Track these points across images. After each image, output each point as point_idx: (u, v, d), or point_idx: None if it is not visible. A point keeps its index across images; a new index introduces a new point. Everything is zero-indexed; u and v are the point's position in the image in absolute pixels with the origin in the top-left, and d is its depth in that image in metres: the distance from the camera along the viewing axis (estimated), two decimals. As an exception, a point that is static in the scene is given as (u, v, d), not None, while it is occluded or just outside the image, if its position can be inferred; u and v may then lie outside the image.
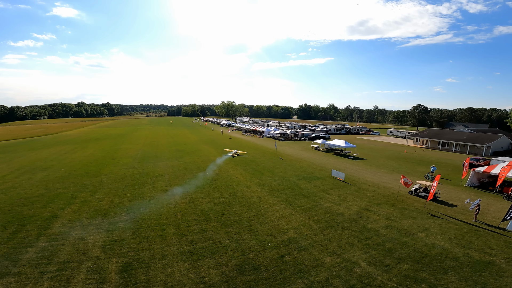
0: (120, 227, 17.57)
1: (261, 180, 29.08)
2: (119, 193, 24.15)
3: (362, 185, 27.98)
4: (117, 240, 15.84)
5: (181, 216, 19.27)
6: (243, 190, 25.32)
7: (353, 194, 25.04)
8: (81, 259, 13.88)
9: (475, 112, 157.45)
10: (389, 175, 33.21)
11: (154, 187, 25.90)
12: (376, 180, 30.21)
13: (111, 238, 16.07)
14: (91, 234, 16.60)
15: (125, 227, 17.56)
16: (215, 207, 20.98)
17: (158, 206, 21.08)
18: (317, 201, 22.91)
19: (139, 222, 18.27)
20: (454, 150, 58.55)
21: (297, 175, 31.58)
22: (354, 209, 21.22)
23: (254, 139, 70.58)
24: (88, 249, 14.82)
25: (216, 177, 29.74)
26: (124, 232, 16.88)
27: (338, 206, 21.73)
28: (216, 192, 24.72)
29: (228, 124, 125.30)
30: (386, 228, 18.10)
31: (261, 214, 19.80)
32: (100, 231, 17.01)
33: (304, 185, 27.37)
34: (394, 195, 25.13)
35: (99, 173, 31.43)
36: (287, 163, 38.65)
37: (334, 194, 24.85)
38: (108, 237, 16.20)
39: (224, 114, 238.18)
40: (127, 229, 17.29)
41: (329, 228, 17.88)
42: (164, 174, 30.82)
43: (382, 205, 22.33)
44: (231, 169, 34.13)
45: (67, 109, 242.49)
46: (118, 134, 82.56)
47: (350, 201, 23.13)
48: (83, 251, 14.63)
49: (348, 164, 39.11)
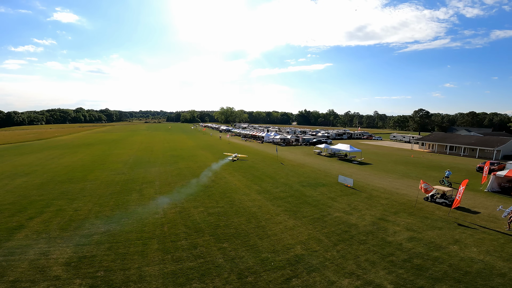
0: (93, 240, 14.84)
1: (261, 187, 26.38)
2: (100, 201, 21.40)
3: (373, 192, 25.29)
4: (86, 257, 13.12)
5: (168, 228, 16.52)
6: (241, 198, 22.60)
7: (364, 202, 22.34)
8: (36, 278, 11.21)
9: (477, 116, 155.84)
10: (401, 180, 30.55)
11: (141, 195, 23.16)
12: (388, 186, 27.53)
13: (80, 254, 13.36)
14: (56, 248, 13.91)
15: (100, 240, 14.82)
16: (209, 218, 18.23)
17: (143, 216, 18.33)
18: (325, 210, 20.19)
19: (117, 235, 15.51)
20: (463, 154, 56.15)
21: (301, 181, 28.90)
22: (369, 219, 18.50)
23: (253, 144, 68.02)
24: (47, 267, 12.15)
25: (211, 184, 27.02)
26: (97, 247, 14.15)
27: (349, 216, 19.01)
28: (211, 200, 21.99)
29: (227, 129, 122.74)
30: (410, 241, 15.39)
31: (261, 226, 17.05)
32: (69, 245, 14.31)
33: (309, 192, 24.68)
34: (411, 202, 22.46)
35: (84, 179, 28.69)
36: (289, 168, 36.01)
37: (343, 202, 22.15)
38: (76, 253, 13.49)
39: (223, 120, 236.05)
40: (102, 243, 14.55)
41: (342, 242, 15.15)
42: (155, 181, 28.10)
43: (399, 214, 19.63)
44: (229, 175, 31.44)
45: (65, 115, 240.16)
46: (113, 139, 79.89)
47: (363, 210, 20.42)
48: (41, 269, 11.96)
49: (355, 170, 36.47)
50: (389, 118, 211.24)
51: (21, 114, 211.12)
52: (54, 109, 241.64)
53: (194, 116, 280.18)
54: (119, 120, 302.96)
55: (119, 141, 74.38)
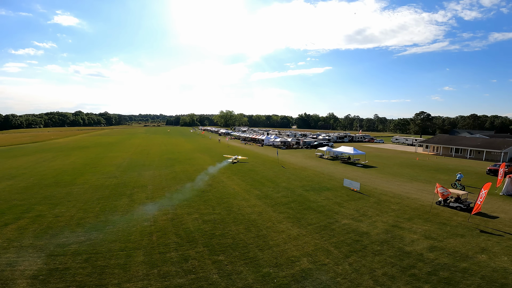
0: (69, 250, 13.05)
1: (261, 191, 24.57)
2: (86, 206, 19.57)
3: (382, 196, 23.51)
4: (58, 269, 11.36)
5: (157, 238, 14.70)
6: (240, 204, 20.77)
7: (374, 207, 20.54)
8: (-4, 300, 9.43)
9: (479, 118, 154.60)
10: (410, 184, 28.78)
11: (131, 200, 21.33)
12: (397, 190, 25.75)
13: (51, 266, 11.61)
14: (26, 258, 12.18)
15: (77, 251, 13.02)
16: (204, 226, 16.40)
17: (130, 223, 16.51)
18: (332, 216, 18.38)
19: (98, 244, 13.69)
20: (469, 156, 54.52)
21: (304, 185, 27.11)
22: (381, 227, 16.70)
23: (253, 147, 66.29)
24: (11, 280, 10.49)
25: (208, 189, 25.19)
26: (73, 258, 12.36)
27: (359, 223, 17.20)
28: (207, 206, 20.16)
29: (226, 133, 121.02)
30: (432, 251, 13.62)
31: (262, 236, 15.23)
32: (41, 255, 12.55)
33: (313, 197, 22.88)
34: (424, 207, 20.69)
35: (72, 182, 26.86)
36: (291, 172, 34.23)
37: (351, 207, 20.34)
38: (47, 264, 11.74)
39: (222, 124, 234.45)
40: (79, 254, 12.75)
41: (354, 253, 13.34)
42: (148, 185, 26.27)
43: (414, 220, 17.84)
44: (227, 178, 29.64)
45: (63, 118, 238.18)
46: (109, 142, 78.07)
47: (373, 216, 18.62)
48: (3, 282, 10.31)
49: (359, 173, 34.70)
50: (389, 121, 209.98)
51: (19, 117, 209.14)
52: (52, 112, 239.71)
53: (194, 120, 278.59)
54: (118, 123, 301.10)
55: (116, 144, 72.55)
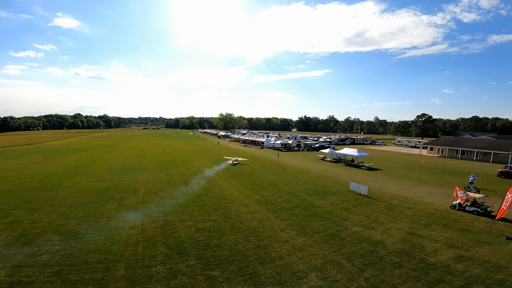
0: (39, 261, 11.34)
1: (262, 196, 22.77)
2: (68, 212, 17.78)
3: (392, 201, 21.73)
4: (21, 283, 9.73)
5: (143, 248, 12.90)
6: (239, 210, 18.95)
7: (385, 213, 18.76)
8: None
9: (480, 121, 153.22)
10: (419, 187, 27.02)
11: (120, 205, 19.53)
12: (407, 194, 23.98)
13: (15, 279, 10.00)
14: None
15: (48, 262, 11.29)
16: (197, 235, 14.60)
17: (114, 231, 14.72)
18: (341, 223, 16.60)
19: (74, 255, 11.93)
20: (476, 158, 52.83)
21: (307, 189, 25.33)
22: (397, 234, 14.92)
23: (253, 150, 64.55)
24: None
25: (204, 193, 23.39)
26: (42, 270, 10.66)
27: (372, 231, 15.42)
28: (202, 212, 18.35)
29: (225, 135, 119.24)
30: (459, 261, 11.89)
31: (263, 246, 13.44)
32: (6, 265, 10.96)
33: (317, 202, 21.10)
34: (440, 212, 18.94)
35: (59, 186, 25.08)
36: (292, 175, 32.46)
37: (360, 213, 18.56)
38: (10, 277, 10.15)
39: (222, 127, 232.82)
40: (49, 265, 11.02)
41: (370, 266, 11.55)
42: (140, 188, 24.48)
43: (432, 227, 16.08)
44: (225, 182, 27.85)
45: (62, 121, 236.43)
46: (106, 144, 76.31)
47: (386, 222, 16.84)
48: None
49: (365, 176, 32.94)
50: (389, 124, 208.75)
51: (17, 119, 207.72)
52: (51, 115, 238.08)
53: (193, 123, 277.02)
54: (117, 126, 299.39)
55: (112, 146, 70.78)
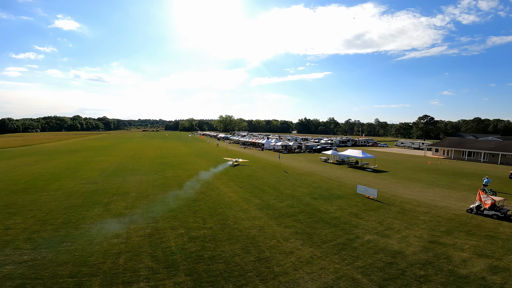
0: (1, 273, 9.64)
1: (262, 200, 20.96)
2: (47, 217, 16.02)
3: (404, 205, 19.97)
4: None
5: (126, 260, 11.14)
6: (237, 216, 17.15)
7: (399, 218, 17.00)
8: None
9: (482, 122, 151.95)
10: (431, 190, 25.27)
11: (106, 210, 17.76)
12: (419, 198, 22.23)
13: None
14: None
15: (11, 274, 9.65)
16: (189, 245, 12.81)
17: (95, 240, 12.95)
18: (351, 231, 14.83)
19: (42, 267, 10.20)
20: (483, 160, 51.14)
21: (311, 192, 23.56)
22: (417, 243, 13.16)
23: (253, 152, 62.83)
24: None
25: (200, 197, 21.59)
26: (1, 282, 9.01)
27: (387, 239, 13.65)
28: (197, 218, 16.55)
29: (225, 137, 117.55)
30: (495, 272, 10.29)
31: (265, 259, 11.66)
32: None
33: (323, 207, 19.32)
34: (458, 217, 17.22)
35: (43, 189, 23.31)
36: (294, 177, 30.69)
37: (371, 219, 16.79)
38: None
39: (222, 129, 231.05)
40: (12, 277, 9.42)
41: (391, 282, 9.79)
42: (131, 192, 22.70)
43: (454, 234, 14.35)
44: (223, 185, 26.08)
45: (61, 123, 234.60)
46: (102, 146, 74.54)
47: (402, 229, 15.09)
48: None
49: (371, 178, 31.18)
50: (390, 126, 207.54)
51: (16, 121, 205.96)
52: (50, 117, 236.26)
53: (193, 125, 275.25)
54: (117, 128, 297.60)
55: (108, 147, 69.02)
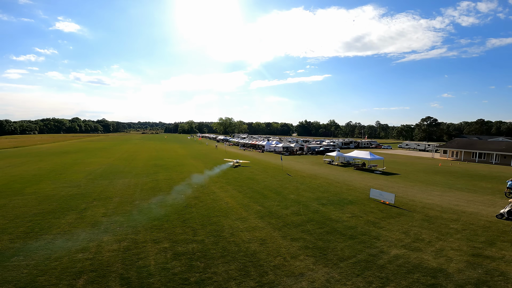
0: None
1: (264, 206, 18.32)
2: (9, 225, 13.41)
3: (428, 211, 17.39)
4: None
5: (86, 283, 8.51)
6: (234, 226, 14.51)
7: (425, 227, 14.41)
8: None
9: (485, 124, 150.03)
10: (452, 194, 22.70)
11: (80, 217, 15.17)
12: (442, 203, 19.64)
13: None
14: None
15: None
16: (173, 265, 10.20)
17: (54, 255, 10.34)
18: (372, 244, 12.24)
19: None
20: (494, 162, 48.63)
21: (318, 197, 20.96)
22: (458, 257, 10.59)
23: (253, 154, 60.29)
24: None
25: (193, 202, 18.98)
26: None
27: (420, 254, 11.05)
28: (186, 229, 13.94)
29: (224, 139, 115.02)
30: None
31: (269, 284, 9.04)
32: None
33: (334, 214, 16.74)
34: (494, 224, 14.78)
35: (18, 192, 20.70)
36: (298, 180, 28.11)
37: (394, 229, 14.20)
38: None
39: (222, 131, 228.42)
40: None
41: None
42: (114, 196, 20.09)
43: (498, 245, 11.90)
44: (220, 189, 23.47)
45: (59, 125, 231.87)
46: (96, 147, 71.94)
47: (433, 240, 12.50)
48: None
49: (382, 181, 28.61)
50: (391, 128, 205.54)
51: (13, 123, 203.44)
52: (48, 119, 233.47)
53: (192, 127, 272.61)
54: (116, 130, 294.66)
55: (103, 149, 66.43)
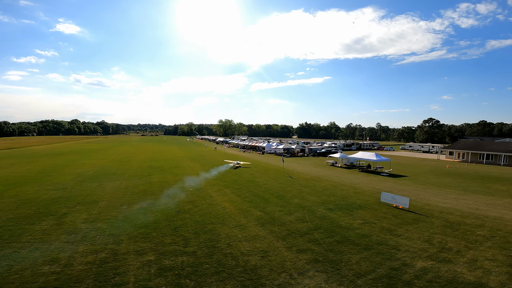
0: None
1: (265, 212, 16.58)
2: (-31, 241, 11.73)
3: (447, 216, 15.66)
4: None
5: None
6: (232, 235, 12.75)
7: (449, 234, 12.68)
8: None
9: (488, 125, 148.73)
10: (468, 197, 20.99)
11: (58, 223, 13.42)
12: (461, 207, 17.92)
13: None
14: None
15: None
16: (156, 283, 8.40)
17: (16, 267, 8.60)
18: (392, 255, 10.50)
19: None
20: (503, 163, 46.97)
21: (324, 202, 19.22)
22: (496, 269, 8.90)
23: (253, 155, 58.60)
24: None
25: (187, 207, 17.23)
26: None
27: (452, 266, 9.31)
28: (176, 238, 12.19)
29: (224, 141, 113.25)
30: None
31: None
32: None
33: (344, 221, 15.00)
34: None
35: (-4, 197, 19.02)
36: (301, 183, 26.37)
37: (414, 237, 12.46)
38: None
39: (221, 133, 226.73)
40: None
41: None
42: (101, 200, 18.36)
43: (542, 269, 10.05)
44: (217, 192, 21.73)
45: (58, 126, 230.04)
46: (92, 149, 70.19)
47: (462, 250, 10.79)
48: None
49: (390, 183, 26.88)
50: (392, 130, 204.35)
51: (12, 124, 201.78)
52: (47, 120, 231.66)
53: (192, 129, 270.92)
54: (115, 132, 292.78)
55: (98, 151, 64.69)
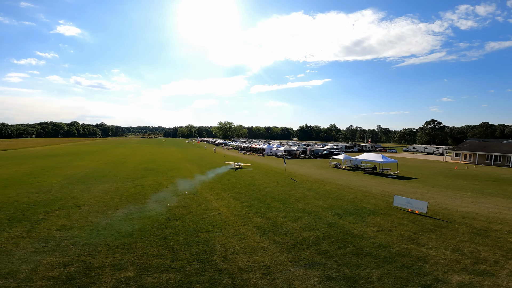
0: None
1: (267, 219, 14.82)
2: None
3: (471, 222, 13.96)
4: None
5: None
6: (229, 246, 11.00)
7: (479, 242, 10.99)
8: None
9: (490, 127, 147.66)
10: (488, 200, 19.30)
11: (30, 230, 11.68)
12: (482, 211, 16.23)
13: None
14: None
15: None
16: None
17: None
18: (420, 269, 8.78)
19: None
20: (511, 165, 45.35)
21: (331, 206, 17.51)
22: None
23: (253, 157, 56.97)
24: None
25: (179, 213, 15.47)
26: None
27: (494, 279, 7.66)
28: (163, 249, 10.47)
29: (224, 143, 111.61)
30: None
31: None
32: None
33: (356, 228, 13.29)
34: None
35: (-30, 202, 17.33)
36: (305, 186, 24.62)
37: (440, 246, 10.75)
38: None
39: (221, 135, 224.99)
40: None
41: None
42: (85, 205, 16.63)
43: None
44: (214, 196, 19.99)
45: (57, 128, 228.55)
46: (87, 151, 68.46)
47: (500, 260, 9.13)
48: None
49: (400, 186, 25.19)
50: (392, 132, 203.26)
51: (10, 126, 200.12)
52: (46, 122, 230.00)
53: (192, 132, 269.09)
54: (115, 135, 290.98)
55: (93, 152, 62.97)
